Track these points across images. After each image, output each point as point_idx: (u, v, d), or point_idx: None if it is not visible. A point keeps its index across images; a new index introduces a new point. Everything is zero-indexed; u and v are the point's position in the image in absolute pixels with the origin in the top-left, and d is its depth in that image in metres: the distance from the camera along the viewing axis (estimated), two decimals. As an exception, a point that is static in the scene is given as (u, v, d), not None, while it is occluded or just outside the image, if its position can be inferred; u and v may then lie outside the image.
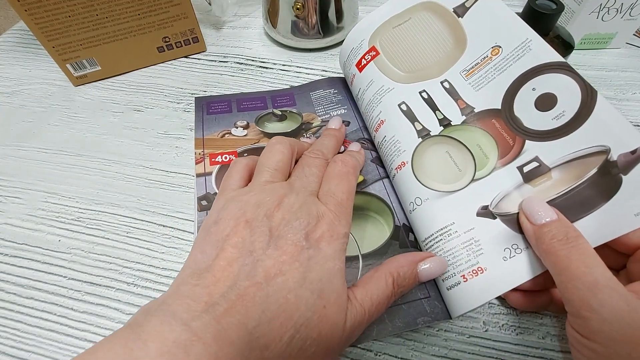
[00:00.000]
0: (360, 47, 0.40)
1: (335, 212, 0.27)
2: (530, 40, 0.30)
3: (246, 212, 0.26)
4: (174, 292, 0.23)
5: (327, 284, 0.24)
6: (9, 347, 0.30)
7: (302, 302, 0.23)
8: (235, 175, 0.30)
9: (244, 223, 0.25)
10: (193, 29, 0.52)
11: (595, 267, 0.21)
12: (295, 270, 0.23)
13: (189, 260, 0.25)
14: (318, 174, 0.30)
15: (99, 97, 0.49)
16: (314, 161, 0.31)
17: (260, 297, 0.22)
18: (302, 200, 0.27)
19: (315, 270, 0.24)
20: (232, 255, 0.24)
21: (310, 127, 0.42)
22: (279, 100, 0.46)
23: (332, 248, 0.25)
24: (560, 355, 0.29)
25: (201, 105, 0.45)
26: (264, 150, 0.31)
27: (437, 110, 0.33)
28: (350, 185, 0.30)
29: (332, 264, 0.25)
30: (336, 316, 0.24)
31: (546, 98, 0.28)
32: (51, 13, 0.43)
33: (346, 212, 0.28)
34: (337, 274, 0.25)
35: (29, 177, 0.40)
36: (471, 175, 0.30)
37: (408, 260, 0.28)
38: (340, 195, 0.29)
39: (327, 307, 0.24)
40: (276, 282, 0.23)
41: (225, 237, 0.24)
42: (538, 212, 0.24)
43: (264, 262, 0.23)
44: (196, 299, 0.21)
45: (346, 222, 0.27)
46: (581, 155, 0.26)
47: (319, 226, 0.26)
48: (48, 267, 0.34)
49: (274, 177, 0.29)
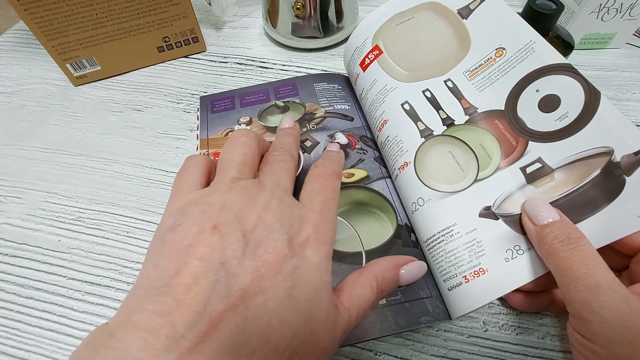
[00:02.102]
0: (364, 46, 0.40)
1: (320, 211, 0.24)
2: (534, 42, 0.30)
3: (212, 216, 0.21)
4: (124, 321, 0.18)
5: (316, 303, 0.21)
6: (9, 347, 0.30)
7: (289, 328, 0.19)
8: (193, 170, 0.26)
9: (210, 229, 0.20)
10: (193, 28, 0.51)
11: (597, 268, 0.21)
12: (278, 286, 0.20)
13: (140, 277, 0.20)
14: (288, 169, 0.27)
15: (99, 97, 0.49)
16: (280, 157, 0.27)
17: (238, 325, 0.18)
18: (279, 198, 0.23)
19: (301, 285, 0.20)
20: (199, 270, 0.19)
21: (313, 118, 0.42)
22: (281, 91, 0.45)
23: (318, 255, 0.22)
24: (560, 355, 0.29)
25: (206, 104, 0.45)
26: (226, 144, 0.27)
27: (441, 109, 0.33)
28: (334, 187, 0.27)
29: (318, 276, 0.21)
30: (325, 340, 0.21)
31: (550, 99, 0.28)
32: (51, 12, 0.43)
33: (332, 214, 0.25)
34: (324, 289, 0.22)
35: (29, 176, 0.40)
36: (474, 176, 0.30)
37: (392, 264, 0.26)
38: (326, 195, 0.25)
39: (316, 331, 0.20)
40: (256, 302, 0.19)
41: (187, 247, 0.20)
42: (540, 212, 0.24)
43: (240, 276, 0.19)
44: (154, 332, 0.17)
45: (333, 225, 0.25)
46: (584, 156, 0.26)
47: (303, 228, 0.23)
48: (48, 267, 0.34)
49: (242, 174, 0.25)
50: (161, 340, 0.16)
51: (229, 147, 0.26)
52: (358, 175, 0.36)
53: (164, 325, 0.17)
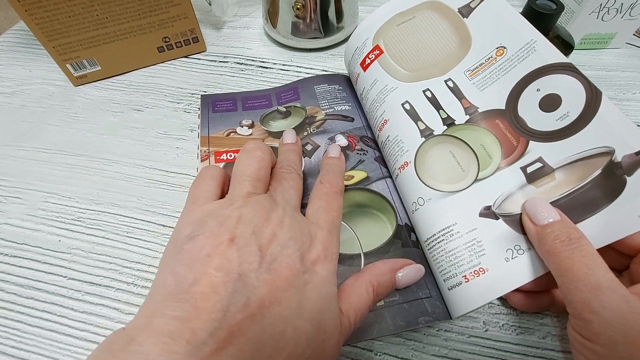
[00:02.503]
0: (365, 46, 0.40)
1: (328, 230, 0.25)
2: (535, 41, 0.30)
3: (229, 228, 0.22)
4: (144, 325, 0.18)
5: (326, 314, 0.22)
6: (9, 347, 0.30)
7: (302, 337, 0.20)
8: (209, 181, 0.27)
9: (227, 241, 0.21)
10: (193, 29, 0.51)
11: (597, 268, 0.21)
12: (291, 298, 0.21)
13: (157, 283, 0.21)
14: (296, 187, 0.28)
15: (99, 97, 0.49)
16: (289, 175, 0.29)
17: (255, 333, 0.19)
18: (291, 215, 0.25)
19: (313, 297, 0.22)
20: (217, 280, 0.19)
21: (314, 121, 0.42)
22: (283, 96, 0.45)
23: (326, 270, 0.23)
24: (560, 355, 0.29)
25: (207, 103, 0.45)
26: (239, 156, 0.28)
27: (441, 109, 0.33)
28: (339, 205, 0.28)
29: (328, 288, 0.23)
30: (333, 349, 0.22)
31: (551, 99, 0.28)
32: (51, 13, 0.43)
33: (337, 231, 0.26)
34: (333, 300, 0.23)
35: (29, 177, 0.40)
36: (474, 175, 0.30)
37: (388, 268, 0.27)
38: (331, 213, 0.27)
39: (326, 341, 0.21)
40: (271, 312, 0.20)
41: (205, 257, 0.20)
42: (541, 212, 0.24)
43: (257, 288, 0.20)
44: (175, 337, 0.17)
45: (338, 241, 0.26)
46: (585, 156, 0.26)
47: (314, 246, 0.24)
48: (48, 267, 0.34)
49: (257, 189, 0.26)
50: (182, 345, 0.17)
51: (244, 161, 0.27)
52: (358, 177, 0.36)
53: (184, 330, 0.17)
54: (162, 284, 0.20)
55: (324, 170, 0.31)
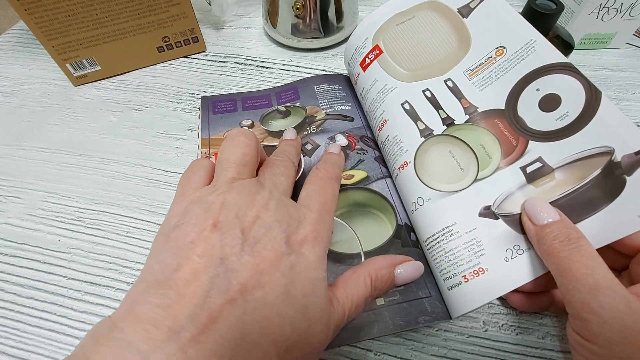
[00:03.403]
0: (364, 46, 0.40)
1: (319, 212, 0.25)
2: (534, 41, 0.30)
3: (213, 214, 0.22)
4: (127, 312, 0.18)
5: (312, 298, 0.21)
6: (9, 347, 0.30)
7: (287, 322, 0.20)
8: (198, 172, 0.27)
9: (210, 227, 0.21)
10: (193, 28, 0.51)
11: (596, 269, 0.21)
12: (276, 282, 0.20)
13: (144, 271, 0.21)
14: (288, 174, 0.28)
15: (99, 97, 0.49)
16: (281, 162, 0.28)
17: (237, 318, 0.18)
18: (278, 199, 0.24)
19: (299, 281, 0.21)
20: (199, 266, 0.19)
21: (314, 121, 0.42)
22: (283, 96, 0.45)
23: (315, 254, 0.23)
24: (560, 355, 0.29)
25: (207, 104, 0.45)
26: (224, 143, 0.27)
27: (441, 109, 0.33)
28: (333, 190, 0.28)
29: (315, 273, 0.22)
30: (320, 334, 0.22)
31: (550, 99, 0.28)
32: (51, 12, 0.43)
33: (330, 215, 0.26)
34: (320, 285, 0.22)
35: (29, 176, 0.40)
36: (474, 175, 0.30)
37: (387, 263, 0.27)
38: (324, 197, 0.26)
39: (312, 326, 0.21)
40: (254, 297, 0.19)
41: (189, 244, 0.20)
42: (540, 212, 0.24)
43: (239, 272, 0.20)
44: (157, 324, 0.17)
45: (330, 226, 0.25)
46: (585, 156, 0.26)
47: (302, 227, 0.23)
48: (48, 267, 0.34)
49: (241, 174, 0.25)
50: (163, 331, 0.17)
51: (227, 147, 0.27)
52: (358, 177, 0.36)
53: (165, 317, 0.17)
54: (149, 272, 0.20)
55: (321, 161, 0.31)
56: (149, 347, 0.16)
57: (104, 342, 0.17)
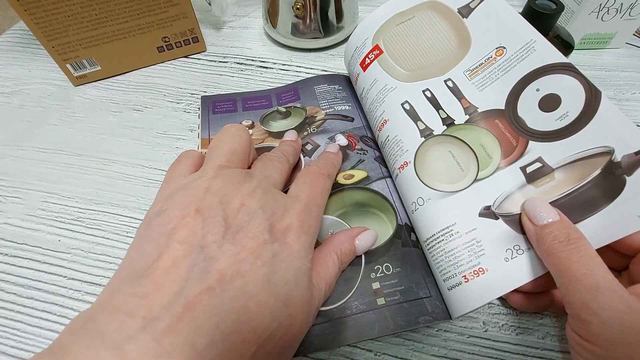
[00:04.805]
0: (364, 46, 0.40)
1: (306, 203, 0.24)
2: (534, 42, 0.30)
3: (196, 199, 0.21)
4: (104, 303, 0.18)
5: (295, 289, 0.21)
6: (9, 347, 0.30)
7: (267, 312, 0.19)
8: (185, 161, 0.26)
9: (193, 212, 0.20)
10: (193, 28, 0.51)
11: (596, 269, 0.21)
12: (257, 270, 0.20)
13: (124, 260, 0.21)
14: (281, 167, 0.27)
15: (99, 97, 0.49)
16: (276, 157, 0.28)
17: (215, 307, 0.18)
18: (265, 188, 0.24)
19: (281, 271, 0.21)
20: (178, 253, 0.19)
21: (314, 121, 0.42)
22: (283, 97, 0.45)
23: (300, 243, 0.22)
24: (559, 355, 0.29)
25: (207, 104, 0.45)
26: (217, 136, 0.27)
27: (441, 109, 0.33)
28: (325, 185, 0.28)
29: (299, 263, 0.22)
30: (302, 324, 0.21)
31: (550, 99, 0.28)
32: (50, 13, 0.43)
33: (318, 208, 0.26)
34: (303, 275, 0.22)
35: (29, 177, 0.40)
36: (474, 175, 0.30)
37: (347, 236, 0.28)
38: (314, 189, 0.26)
39: (294, 315, 0.21)
40: (233, 286, 0.19)
41: (171, 231, 0.20)
42: (540, 212, 0.24)
43: (218, 260, 0.19)
44: (131, 314, 0.17)
45: (318, 217, 0.25)
46: (585, 156, 0.26)
47: (287, 216, 0.23)
48: (48, 267, 0.34)
49: (230, 162, 0.25)
50: (137, 321, 0.17)
51: (220, 137, 0.27)
52: (358, 177, 0.36)
53: (141, 307, 0.17)
54: (129, 261, 0.20)
55: (317, 158, 0.31)
56: (122, 337, 0.16)
57: (79, 333, 0.17)
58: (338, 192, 0.35)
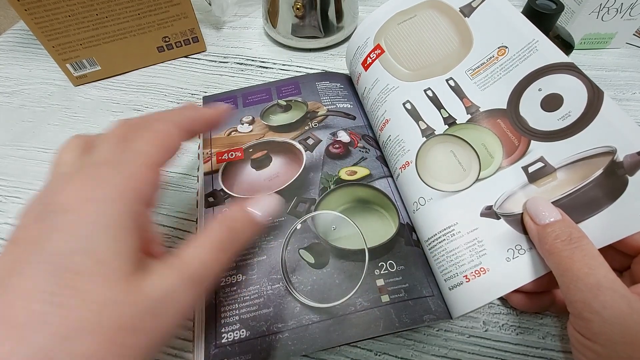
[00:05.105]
0: (366, 45, 0.40)
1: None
2: (536, 41, 0.30)
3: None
4: None
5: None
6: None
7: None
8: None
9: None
10: (193, 28, 0.51)
11: (598, 268, 0.21)
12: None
13: None
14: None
15: (99, 97, 0.49)
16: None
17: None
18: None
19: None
20: None
21: (315, 116, 0.42)
22: (284, 90, 0.45)
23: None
24: (560, 355, 0.29)
25: (208, 104, 0.44)
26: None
27: (442, 108, 0.33)
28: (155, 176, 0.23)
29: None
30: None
31: (552, 98, 0.28)
32: (51, 13, 0.43)
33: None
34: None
35: (29, 177, 0.40)
36: (475, 175, 0.30)
37: (238, 207, 0.24)
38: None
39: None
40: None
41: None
42: (542, 212, 0.24)
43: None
44: None
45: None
46: (587, 155, 0.26)
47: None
48: (48, 267, 0.34)
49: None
50: None
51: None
52: (360, 173, 0.36)
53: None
54: None
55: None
56: None
57: None
58: (341, 188, 0.35)
